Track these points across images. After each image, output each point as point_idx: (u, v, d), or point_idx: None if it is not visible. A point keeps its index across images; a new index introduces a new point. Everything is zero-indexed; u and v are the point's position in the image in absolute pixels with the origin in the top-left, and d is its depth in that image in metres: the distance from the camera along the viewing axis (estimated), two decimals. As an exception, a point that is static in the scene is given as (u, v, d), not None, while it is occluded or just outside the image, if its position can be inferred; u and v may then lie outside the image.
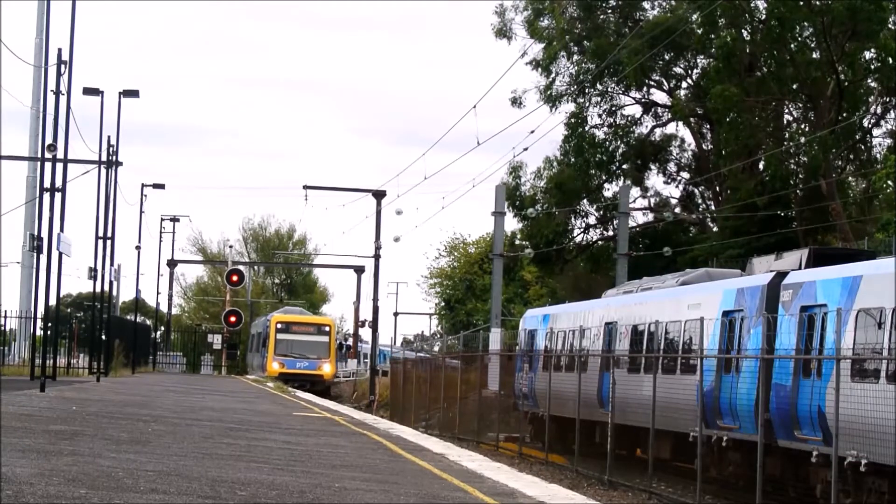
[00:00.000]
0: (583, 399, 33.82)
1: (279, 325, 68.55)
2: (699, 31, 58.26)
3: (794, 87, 56.79)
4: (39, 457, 15.40)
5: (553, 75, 62.79)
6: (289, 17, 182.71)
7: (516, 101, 63.22)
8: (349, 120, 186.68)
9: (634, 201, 64.32)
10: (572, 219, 65.44)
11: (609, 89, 63.98)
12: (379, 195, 69.39)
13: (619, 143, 64.81)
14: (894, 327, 21.69)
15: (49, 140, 41.82)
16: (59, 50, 42.40)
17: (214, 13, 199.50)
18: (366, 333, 76.05)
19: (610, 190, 64.84)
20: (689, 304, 31.00)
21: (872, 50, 54.28)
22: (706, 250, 56.25)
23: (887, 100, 56.61)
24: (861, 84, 55.64)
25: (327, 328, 70.19)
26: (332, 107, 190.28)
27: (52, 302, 43.54)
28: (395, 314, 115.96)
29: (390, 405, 60.17)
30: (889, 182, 51.50)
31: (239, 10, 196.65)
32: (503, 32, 63.97)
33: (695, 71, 63.26)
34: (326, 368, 67.95)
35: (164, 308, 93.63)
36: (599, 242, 66.84)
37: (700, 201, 67.70)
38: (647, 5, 63.02)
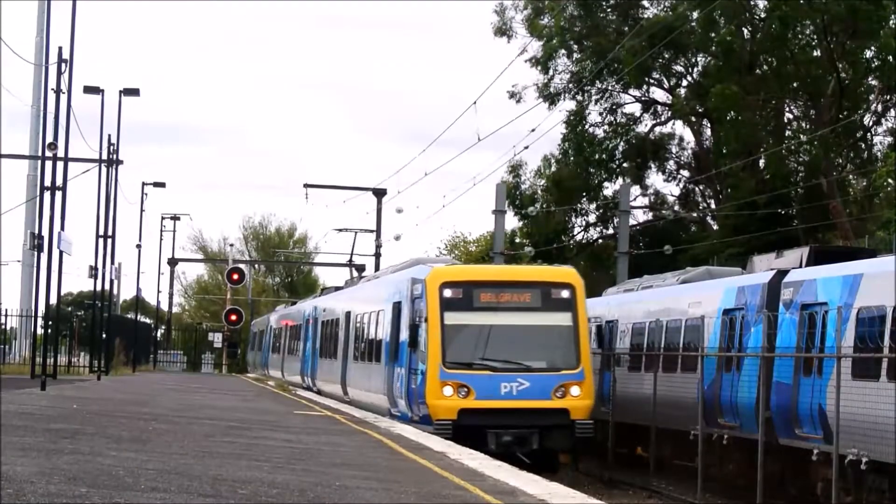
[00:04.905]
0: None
1: (449, 292, 28.39)
2: (699, 30, 58.24)
3: (795, 85, 56.84)
4: (40, 455, 15.39)
5: (551, 72, 62.81)
6: (288, 16, 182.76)
7: (514, 95, 63.16)
8: (349, 118, 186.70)
9: (634, 199, 64.29)
10: (572, 217, 65.41)
11: (609, 87, 63.95)
12: (379, 193, 69.36)
13: (618, 141, 64.75)
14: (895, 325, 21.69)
15: (50, 139, 41.80)
16: (60, 48, 42.43)
17: (214, 12, 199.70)
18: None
19: (610, 188, 64.84)
20: (689, 302, 30.99)
21: (873, 48, 54.31)
22: (707, 248, 56.22)
23: (888, 98, 56.64)
24: (861, 82, 55.68)
25: (567, 291, 28.71)
26: (332, 105, 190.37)
27: (53, 300, 43.59)
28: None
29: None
30: (889, 180, 51.50)
31: (238, 10, 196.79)
32: (503, 31, 63.91)
33: (695, 69, 63.24)
34: (576, 393, 27.69)
35: (164, 307, 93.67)
36: (600, 241, 66.80)
37: (700, 199, 67.68)
38: (646, 3, 62.98)
